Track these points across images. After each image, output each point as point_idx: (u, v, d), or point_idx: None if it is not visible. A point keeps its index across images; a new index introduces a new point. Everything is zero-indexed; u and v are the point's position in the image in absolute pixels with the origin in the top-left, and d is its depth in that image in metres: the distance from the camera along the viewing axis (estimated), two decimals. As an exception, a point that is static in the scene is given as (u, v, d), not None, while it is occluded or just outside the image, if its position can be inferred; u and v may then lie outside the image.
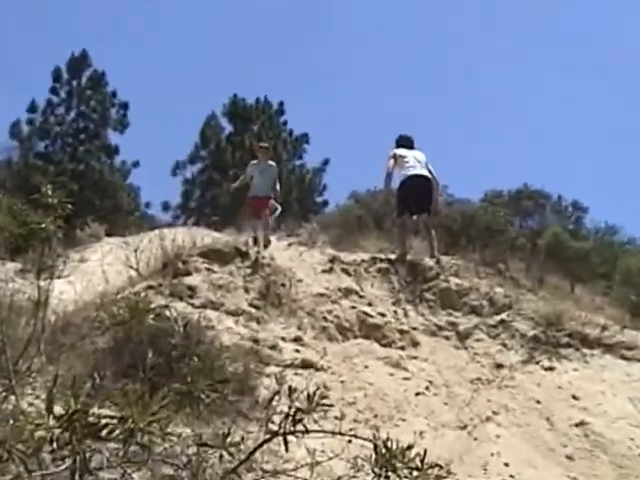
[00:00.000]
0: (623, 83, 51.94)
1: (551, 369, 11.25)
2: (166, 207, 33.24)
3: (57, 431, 3.00)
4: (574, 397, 10.51)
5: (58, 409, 3.03)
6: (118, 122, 32.08)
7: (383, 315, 11.72)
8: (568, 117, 49.83)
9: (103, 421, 3.04)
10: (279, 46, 51.74)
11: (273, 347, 10.13)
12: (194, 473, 4.01)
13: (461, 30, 54.24)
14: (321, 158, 33.50)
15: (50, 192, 4.29)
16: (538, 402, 10.31)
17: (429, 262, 13.24)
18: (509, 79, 52.08)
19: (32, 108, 31.18)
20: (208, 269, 11.49)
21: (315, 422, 3.61)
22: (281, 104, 33.79)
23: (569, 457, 9.26)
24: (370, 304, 11.98)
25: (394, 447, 3.30)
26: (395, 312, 12.06)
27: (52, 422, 3.00)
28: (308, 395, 3.62)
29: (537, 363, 11.34)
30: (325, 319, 11.37)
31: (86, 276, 12.90)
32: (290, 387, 3.61)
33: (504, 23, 55.83)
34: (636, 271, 14.82)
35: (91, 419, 3.04)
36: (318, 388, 8.60)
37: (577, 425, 9.88)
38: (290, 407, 3.55)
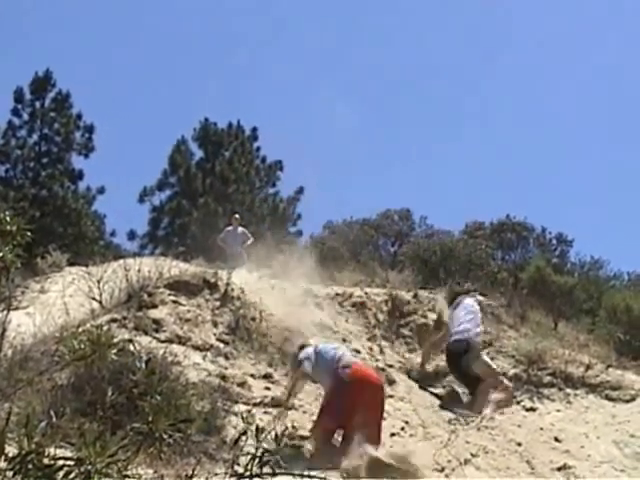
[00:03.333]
0: (609, 112, 52.26)
1: (532, 409, 11.04)
2: (132, 236, 32.75)
3: (9, 474, 2.82)
4: (556, 439, 10.25)
5: (11, 449, 2.83)
6: (83, 146, 31.54)
7: (358, 352, 11.40)
8: (554, 148, 50.06)
9: (59, 463, 2.84)
10: (253, 69, 51.65)
11: (242, 384, 9.81)
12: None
13: (443, 59, 54.42)
14: (295, 186, 33.07)
15: (9, 219, 3.92)
16: (519, 444, 10.03)
17: (406, 296, 12.97)
18: (492, 107, 52.29)
19: (-8, 130, 30.60)
20: (175, 302, 11.13)
21: (285, 463, 3.32)
22: (254, 129, 33.42)
23: (550, 502, 9.04)
24: (344, 340, 11.66)
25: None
26: (370, 348, 11.79)
27: (3, 464, 2.81)
28: (276, 435, 3.33)
29: (518, 403, 11.12)
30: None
31: (46, 308, 12.50)
32: (257, 427, 3.30)
33: (488, 53, 56.21)
34: (622, 308, 14.65)
35: (46, 460, 2.84)
36: (287, 428, 8.17)
37: (559, 469, 9.66)
38: (257, 448, 3.26)
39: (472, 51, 55.94)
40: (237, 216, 21.66)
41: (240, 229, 20.60)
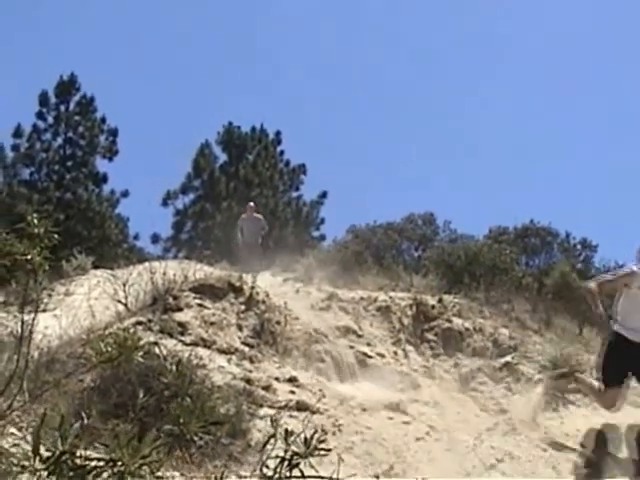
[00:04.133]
0: (633, 119, 51.93)
1: (558, 415, 10.95)
2: (156, 239, 32.77)
3: (44, 474, 2.78)
4: (582, 445, 10.16)
5: (44, 451, 2.81)
6: (107, 149, 31.58)
7: (382, 356, 11.40)
8: (579, 152, 49.81)
9: (92, 464, 2.81)
10: (275, 74, 51.68)
11: (267, 388, 9.78)
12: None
13: (465, 64, 54.28)
14: (319, 190, 33.01)
15: (36, 221, 3.93)
16: (544, 450, 9.95)
17: (430, 301, 12.95)
18: (516, 113, 52.04)
19: (17, 133, 30.60)
20: (200, 305, 11.13)
21: (312, 467, 3.32)
22: (278, 133, 33.38)
23: (576, 508, 8.97)
24: (369, 344, 11.67)
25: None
26: (395, 353, 11.75)
27: (38, 464, 2.78)
28: (305, 439, 3.31)
29: (544, 409, 11.02)
30: (321, 359, 11.02)
31: (72, 310, 12.52)
32: (287, 430, 3.30)
33: (515, 59, 56.05)
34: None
35: (79, 461, 2.81)
36: (316, 431, 8.21)
37: (586, 475, 9.55)
38: (286, 451, 3.24)
39: (493, 54, 55.74)
40: (252, 204, 21.33)
41: (255, 216, 20.37)
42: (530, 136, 49.38)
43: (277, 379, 10.14)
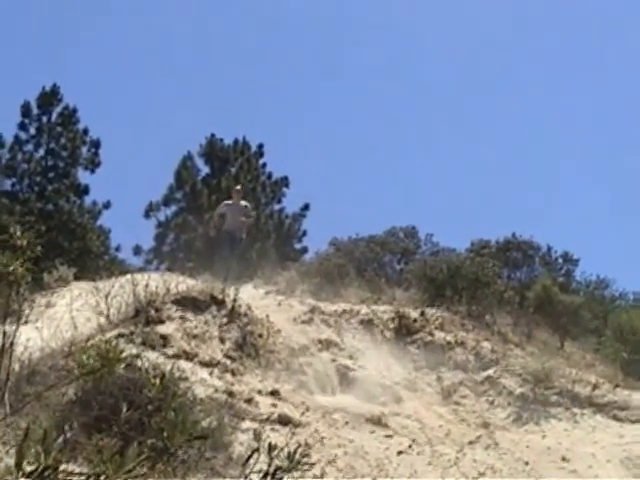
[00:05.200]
0: (617, 131, 52.13)
1: (540, 429, 10.96)
2: (138, 251, 32.64)
3: None
4: (564, 459, 10.20)
5: (26, 465, 2.68)
6: (89, 161, 31.37)
7: (365, 369, 11.36)
8: (560, 166, 49.96)
9: (74, 479, 2.72)
10: (261, 86, 51.64)
11: (249, 401, 9.75)
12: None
13: (450, 74, 54.41)
14: (301, 203, 33.01)
15: (19, 233, 3.91)
16: (526, 463, 10.00)
17: (413, 314, 12.94)
18: (498, 126, 52.15)
19: (-1, 144, 30.57)
20: (182, 317, 11.08)
21: None
22: (260, 146, 33.36)
23: (558, 522, 9.00)
24: (351, 357, 11.63)
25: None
26: (377, 366, 11.70)
27: (22, 479, 2.66)
28: (289, 453, 3.30)
29: (525, 422, 11.05)
30: (303, 372, 10.99)
31: (53, 322, 12.44)
32: (270, 444, 3.27)
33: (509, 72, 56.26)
34: (628, 327, 14.58)
35: (61, 476, 2.71)
36: (299, 446, 8.17)
37: (566, 488, 9.61)
38: (269, 465, 3.23)
39: (479, 66, 55.94)
40: (239, 187, 18.69)
41: (242, 203, 17.65)
42: (512, 151, 49.55)
43: (259, 392, 10.11)
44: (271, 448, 3.31)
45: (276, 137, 46.44)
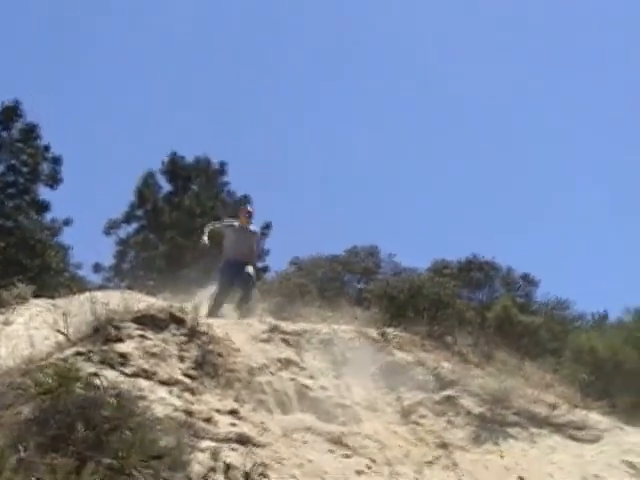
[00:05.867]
0: (576, 154, 52.66)
1: (498, 449, 11.00)
2: (98, 268, 32.49)
3: None
4: (521, 479, 10.25)
5: None
6: (50, 177, 31.25)
7: (324, 389, 11.33)
8: (520, 187, 50.37)
9: None
10: (222, 102, 51.61)
11: (208, 420, 9.68)
12: None
13: (424, 90, 54.70)
14: (262, 222, 33.03)
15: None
16: (485, 484, 10.02)
17: (373, 334, 12.94)
18: (456, 145, 52.58)
19: (-44, 159, 30.32)
20: (141, 336, 11.00)
21: None
22: (222, 164, 33.40)
23: None
24: (311, 377, 11.59)
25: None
26: (337, 386, 11.66)
27: None
28: (246, 473, 3.31)
29: (484, 442, 11.09)
30: (263, 391, 10.93)
31: (11, 340, 12.35)
32: (226, 463, 3.28)
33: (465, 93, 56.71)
34: (587, 348, 14.72)
35: None
36: (255, 465, 8.12)
37: (524, 509, 9.67)
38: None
39: (446, 79, 56.42)
40: (250, 208, 15.22)
41: (252, 227, 14.83)
42: (472, 170, 49.92)
43: (218, 411, 10.05)
44: (228, 468, 3.31)
45: (238, 155, 46.43)
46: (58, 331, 11.25)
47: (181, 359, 10.91)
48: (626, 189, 50.34)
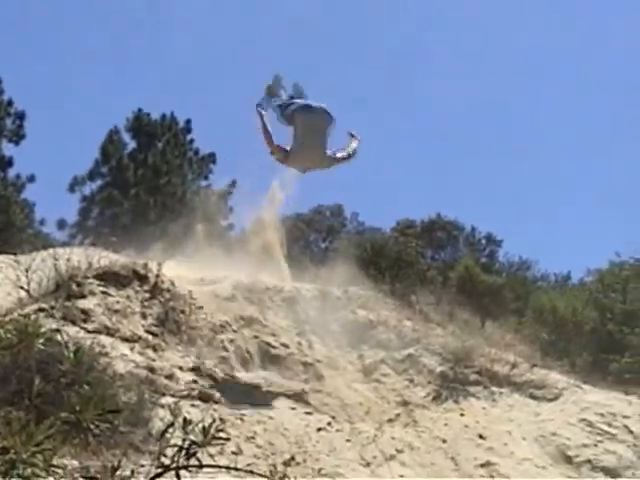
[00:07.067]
0: (541, 110, 52.72)
1: (458, 407, 11.10)
2: (62, 225, 32.22)
3: None
4: (481, 437, 10.36)
5: None
6: (13, 133, 30.86)
7: (286, 346, 11.36)
8: (485, 147, 50.34)
9: None
10: (188, 59, 51.17)
11: (170, 376, 9.70)
12: (81, 508, 3.62)
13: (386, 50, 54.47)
14: (228, 179, 32.73)
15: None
16: (444, 441, 10.14)
17: (336, 292, 12.96)
18: (424, 106, 52.44)
19: None
20: (104, 292, 10.95)
21: (211, 457, 3.30)
22: (188, 121, 33.10)
23: (474, 499, 9.17)
24: (273, 334, 11.61)
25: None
26: (299, 343, 11.70)
27: None
28: (204, 428, 3.31)
29: (444, 401, 11.18)
30: (225, 349, 10.95)
31: (-28, 296, 12.25)
32: (185, 419, 3.27)
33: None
34: (548, 308, 14.82)
35: None
36: (214, 421, 8.18)
37: (482, 466, 9.80)
38: (184, 440, 3.23)
39: (411, 52, 56.15)
40: None
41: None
42: (438, 131, 49.84)
43: (180, 368, 10.06)
44: (186, 423, 3.31)
45: (203, 113, 46.06)
46: (20, 287, 11.18)
47: (144, 316, 10.88)
48: (590, 142, 50.44)
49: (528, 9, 51.72)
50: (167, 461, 3.37)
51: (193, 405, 9.20)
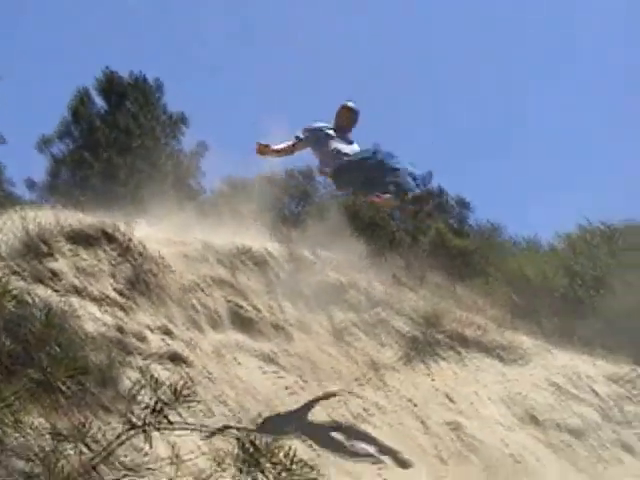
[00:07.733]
0: (513, 72, 52.68)
1: (428, 370, 11.20)
2: (31, 185, 32.00)
3: None
4: (449, 398, 10.48)
5: None
6: (-21, 92, 30.62)
7: (257, 309, 11.37)
8: (456, 110, 50.28)
9: None
10: (158, 18, 50.62)
11: (139, 337, 9.71)
12: (49, 468, 3.62)
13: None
14: (199, 141, 32.46)
15: None
16: (413, 403, 10.23)
17: (308, 255, 12.96)
18: (402, 64, 52.26)
19: None
20: (73, 252, 10.90)
21: (180, 417, 3.31)
22: (157, 80, 32.78)
23: (441, 459, 9.32)
24: (244, 296, 11.61)
25: (260, 444, 3.04)
26: (270, 306, 11.69)
27: None
28: (175, 390, 3.33)
29: (414, 363, 11.26)
30: (195, 310, 10.95)
31: (-61, 256, 12.15)
32: (155, 379, 3.27)
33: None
34: (518, 272, 14.96)
35: None
36: (184, 382, 8.19)
37: (450, 427, 9.91)
38: (155, 400, 3.24)
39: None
40: (352, 104, 10.85)
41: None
42: (411, 87, 49.73)
43: (150, 329, 10.07)
44: (156, 384, 3.31)
45: (173, 73, 45.73)
46: (-12, 247, 11.11)
47: (113, 276, 10.84)
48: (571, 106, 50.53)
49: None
50: (139, 422, 3.38)
51: (163, 366, 9.21)
